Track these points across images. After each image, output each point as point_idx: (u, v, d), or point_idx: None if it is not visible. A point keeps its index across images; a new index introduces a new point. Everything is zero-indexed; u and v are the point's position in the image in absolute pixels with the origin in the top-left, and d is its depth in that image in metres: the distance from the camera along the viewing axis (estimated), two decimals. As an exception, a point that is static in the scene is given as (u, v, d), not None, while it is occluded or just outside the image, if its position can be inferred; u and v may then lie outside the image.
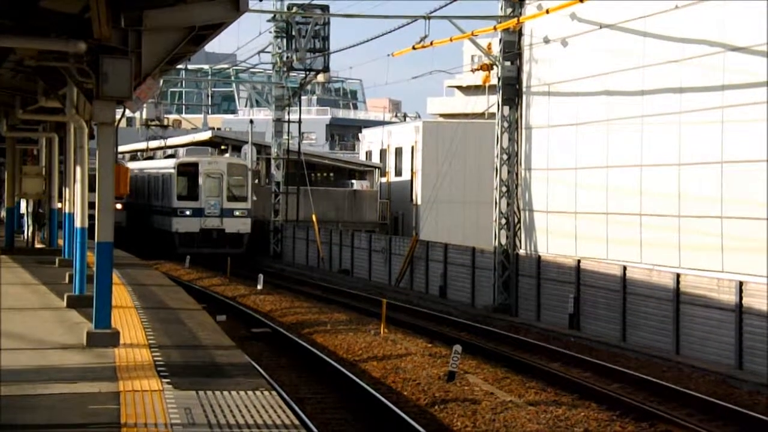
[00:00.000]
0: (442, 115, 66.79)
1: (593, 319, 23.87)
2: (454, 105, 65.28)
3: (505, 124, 28.04)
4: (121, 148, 55.66)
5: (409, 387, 16.06)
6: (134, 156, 53.01)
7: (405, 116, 49.08)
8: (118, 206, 40.51)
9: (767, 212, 18.59)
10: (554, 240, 26.26)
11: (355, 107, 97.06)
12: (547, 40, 26.46)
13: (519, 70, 27.72)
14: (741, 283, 18.97)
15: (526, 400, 15.34)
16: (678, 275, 20.84)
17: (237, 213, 39.77)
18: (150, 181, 44.21)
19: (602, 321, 23.50)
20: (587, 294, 24.16)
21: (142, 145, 54.39)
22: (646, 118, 22.49)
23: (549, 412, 14.36)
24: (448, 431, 13.42)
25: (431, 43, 27.96)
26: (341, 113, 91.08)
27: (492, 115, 30.78)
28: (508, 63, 27.80)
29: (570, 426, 13.65)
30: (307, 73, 40.44)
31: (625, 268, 22.74)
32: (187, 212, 39.57)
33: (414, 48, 28.35)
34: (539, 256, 26.58)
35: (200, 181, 39.60)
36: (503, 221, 28.01)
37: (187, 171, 39.96)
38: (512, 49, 27.65)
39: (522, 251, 27.64)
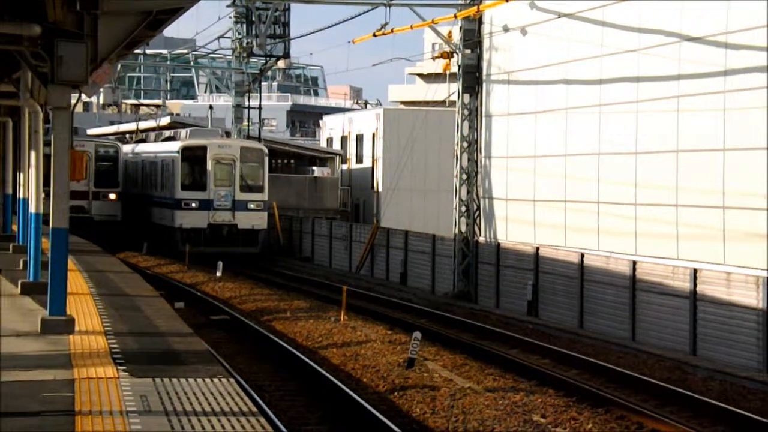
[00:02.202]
0: (403, 103, 66.85)
1: (551, 306, 24.08)
2: (415, 92, 65.36)
3: (466, 112, 28.13)
4: (107, 130, 52.28)
5: (369, 374, 16.10)
6: (122, 138, 47.13)
7: (366, 103, 49.05)
8: (112, 196, 37.63)
9: (722, 200, 18.84)
10: (514, 227, 26.43)
11: (316, 94, 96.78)
12: (506, 29, 26.56)
13: (479, 58, 27.80)
14: (695, 271, 19.22)
15: (484, 387, 15.45)
16: (634, 263, 21.08)
17: (251, 206, 34.14)
18: (146, 167, 38.57)
19: (560, 308, 23.71)
20: (546, 281, 24.35)
21: (129, 127, 49.27)
22: (603, 107, 22.68)
23: (507, 399, 14.47)
24: (407, 417, 13.48)
25: (392, 31, 27.94)
26: (302, 100, 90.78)
27: (453, 103, 30.88)
28: (468, 51, 27.88)
29: (527, 412, 13.77)
30: (268, 59, 40.13)
31: (582, 255, 22.95)
32: (193, 204, 33.84)
33: (375, 35, 28.32)
34: (499, 244, 26.74)
35: (208, 167, 33.99)
36: (463, 209, 28.13)
37: (193, 156, 34.24)
38: (472, 37, 27.73)
39: (482, 239, 27.78)
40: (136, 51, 37.38)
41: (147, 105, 54.71)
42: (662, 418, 14.02)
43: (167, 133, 40.08)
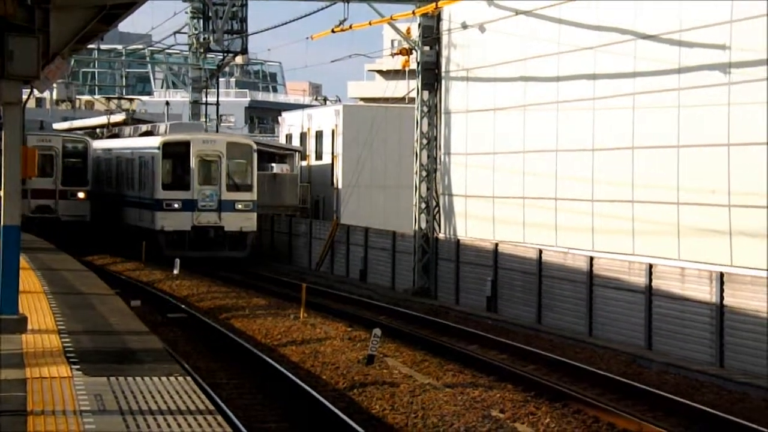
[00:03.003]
0: (362, 99, 66.83)
1: (510, 302, 24.23)
2: (374, 89, 65.40)
3: (425, 109, 28.21)
4: (77, 124, 48.97)
5: (328, 371, 16.11)
6: (93, 133, 44.35)
7: (325, 100, 48.96)
8: (81, 195, 35.25)
9: (676, 197, 19.06)
10: (473, 224, 26.55)
11: (275, 90, 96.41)
12: (465, 26, 26.66)
13: (438, 55, 27.88)
14: (651, 266, 19.44)
15: (443, 383, 15.53)
16: (591, 258, 21.27)
17: (239, 206, 31.52)
18: (121, 164, 35.93)
19: (519, 303, 23.86)
20: (504, 277, 24.50)
21: (99, 121, 46.49)
22: (561, 104, 22.85)
23: (466, 394, 14.57)
24: (366, 414, 13.51)
25: (350, 27, 27.95)
26: (260, 96, 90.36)
27: (412, 100, 30.94)
28: (427, 48, 27.95)
29: (486, 407, 13.87)
30: (225, 54, 39.81)
31: (540, 251, 23.12)
32: (176, 205, 31.23)
33: (333, 31, 28.30)
34: (458, 240, 26.85)
35: (192, 164, 31.35)
36: (423, 205, 28.21)
37: (175, 152, 31.65)
38: (431, 33, 27.80)
39: (441, 235, 27.88)
40: (90, 46, 36.74)
41: (125, 99, 52.18)
42: (618, 411, 14.17)
43: (144, 128, 37.19)
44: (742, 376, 16.64)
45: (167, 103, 43.54)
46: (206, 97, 41.64)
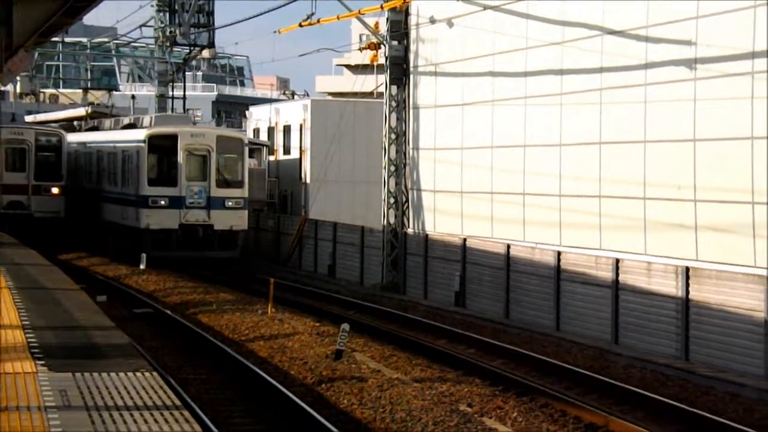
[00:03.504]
0: (330, 94, 66.71)
1: (478, 297, 24.30)
2: (342, 84, 65.24)
3: (393, 104, 28.19)
4: (51, 116, 49.16)
5: (296, 366, 16.09)
6: (71, 126, 41.95)
7: (293, 94, 48.71)
8: (54, 191, 33.85)
9: (643, 192, 19.19)
10: (441, 219, 26.59)
11: (242, 84, 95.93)
12: (433, 20, 26.67)
13: (406, 49, 27.88)
14: (617, 261, 19.57)
15: (412, 377, 15.56)
16: (559, 253, 21.38)
17: (230, 203, 29.69)
18: (102, 159, 34.16)
19: (487, 298, 23.94)
20: (473, 272, 24.57)
21: (76, 112, 44.40)
22: (529, 99, 22.92)
23: (434, 388, 14.61)
24: (335, 409, 13.50)
25: (318, 21, 27.87)
26: (228, 90, 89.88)
27: (380, 95, 30.91)
28: (395, 42, 27.93)
29: (454, 401, 13.91)
30: (192, 48, 39.50)
31: (509, 246, 23.20)
32: (162, 202, 29.34)
33: (301, 25, 28.21)
34: (427, 235, 26.88)
35: (179, 159, 29.51)
36: (392, 200, 28.20)
37: (162, 146, 29.77)
38: (399, 28, 27.78)
39: (410, 230, 27.90)
40: (54, 39, 36.23)
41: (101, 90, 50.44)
42: (584, 405, 14.26)
43: (125, 120, 35.26)
44: (706, 370, 16.80)
45: (133, 96, 43.02)
46: (173, 91, 41.33)
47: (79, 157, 36.41)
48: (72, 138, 36.69)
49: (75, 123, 42.96)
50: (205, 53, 41.03)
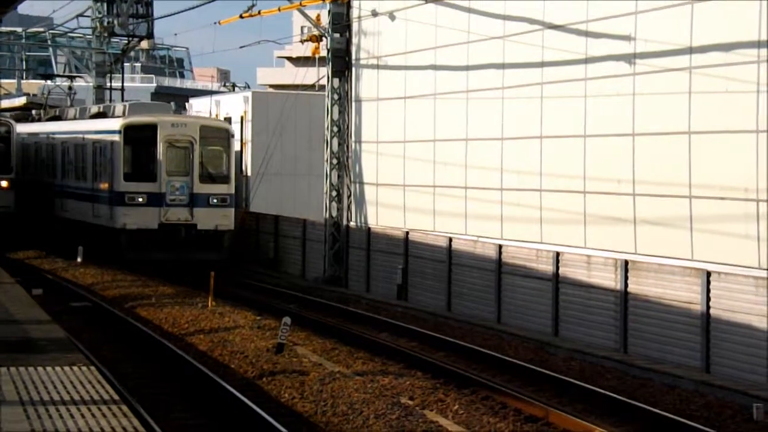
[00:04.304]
0: (272, 86, 66.39)
1: (421, 290, 24.37)
2: (284, 76, 64.97)
3: (335, 96, 28.11)
4: (5, 104, 44.97)
5: (237, 360, 15.99)
6: (25, 116, 39.23)
7: (234, 86, 48.26)
8: (3, 184, 31.42)
9: (583, 185, 19.37)
10: (384, 212, 26.59)
11: (182, 76, 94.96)
12: (375, 13, 26.63)
13: (348, 42, 27.80)
14: (558, 254, 19.75)
15: (353, 371, 15.56)
16: (500, 246, 21.51)
17: (214, 200, 27.39)
18: (68, 151, 31.71)
19: (429, 291, 24.01)
20: (415, 265, 24.63)
21: (11, 103, 42.31)
22: (471, 93, 23.00)
23: (376, 381, 14.62)
24: (275, 403, 13.43)
25: (259, 13, 27.66)
26: (167, 81, 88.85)
27: (322, 87, 30.79)
28: (337, 35, 27.84)
29: (396, 394, 13.94)
30: (130, 39, 38.95)
31: (450, 239, 23.28)
32: (140, 199, 26.92)
33: (242, 17, 27.99)
34: (369, 228, 26.87)
35: (159, 151, 27.05)
36: (334, 193, 28.13)
37: (139, 137, 27.25)
38: (341, 20, 27.70)
39: (352, 223, 27.86)
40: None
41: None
42: (525, 397, 14.36)
43: (94, 110, 32.54)
44: (644, 362, 17.03)
45: (70, 87, 42.14)
46: (111, 82, 40.72)
47: (39, 149, 34.11)
48: (26, 128, 34.64)
49: (34, 112, 40.64)
50: (144, 44, 40.49)
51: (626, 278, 18.08)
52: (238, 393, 13.05)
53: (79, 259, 27.86)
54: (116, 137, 27.44)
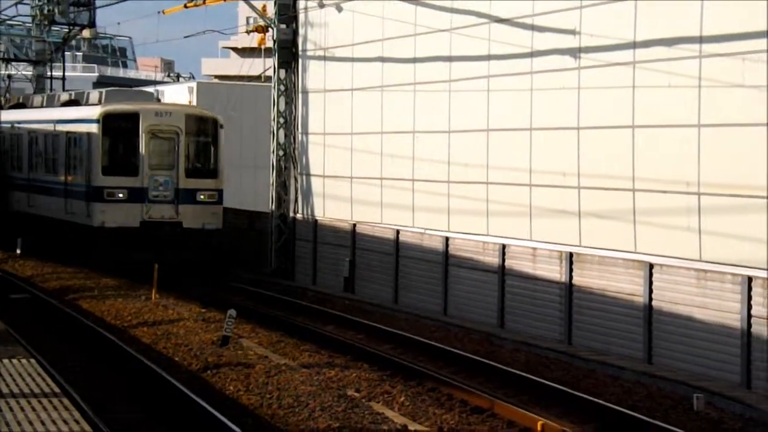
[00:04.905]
0: (217, 77, 65.86)
1: (368, 282, 24.38)
2: (229, 66, 64.48)
3: (282, 88, 27.97)
4: None
5: (181, 352, 15.87)
6: None
7: (178, 76, 47.81)
8: None
9: (529, 178, 19.49)
10: (331, 204, 26.52)
11: (125, 65, 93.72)
12: (322, 5, 26.52)
13: (295, 33, 27.66)
14: (504, 246, 19.87)
15: (300, 363, 15.53)
16: (447, 239, 21.58)
17: (201, 197, 25.38)
18: (35, 141, 29.38)
19: (376, 283, 24.03)
20: (362, 257, 24.62)
21: None
22: (418, 86, 23.01)
23: (322, 374, 14.60)
24: (220, 395, 13.34)
25: (204, 2, 27.41)
26: (110, 71, 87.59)
27: (268, 78, 30.61)
28: (283, 26, 27.69)
29: (342, 387, 13.93)
30: (71, 28, 38.28)
31: (398, 232, 23.32)
32: (120, 195, 24.87)
33: (186, 6, 27.72)
34: (316, 221, 26.79)
35: (141, 143, 25.01)
36: (280, 185, 27.99)
37: (119, 127, 25.26)
38: (287, 11, 27.55)
39: (299, 215, 27.75)
40: None
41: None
42: (470, 389, 14.43)
43: (64, 97, 30.12)
44: (588, 353, 17.21)
45: (9, 76, 41.01)
46: (51, 72, 40.01)
47: (2, 140, 32.07)
48: None
49: None
50: (86, 33, 39.71)
51: (571, 270, 18.24)
52: (182, 386, 12.93)
53: (18, 251, 27.37)
54: (94, 127, 25.29)
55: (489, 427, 12.57)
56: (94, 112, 25.70)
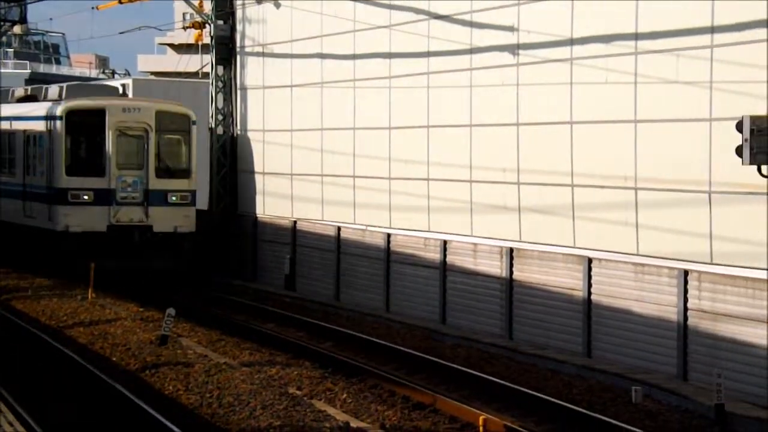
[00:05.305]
0: (153, 73, 65.12)
1: (309, 279, 24.27)
2: (166, 63, 63.79)
3: (220, 84, 27.72)
4: None
5: (119, 352, 15.67)
6: None
7: (113, 73, 47.06)
8: None
9: (469, 174, 19.55)
10: (271, 201, 26.35)
11: (58, 62, 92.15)
12: (260, 1, 26.32)
13: (233, 29, 27.43)
14: (445, 242, 19.92)
15: (240, 362, 15.42)
16: (389, 235, 21.57)
17: (173, 198, 23.97)
18: None
19: (317, 281, 23.94)
20: (303, 255, 24.51)
21: None
22: (358, 82, 22.96)
23: (263, 372, 14.52)
24: (159, 395, 13.17)
25: (140, -2, 27.02)
26: (42, 68, 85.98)
27: (206, 75, 30.32)
28: (221, 22, 27.45)
29: (283, 384, 13.86)
30: (1, 23, 37.48)
31: (339, 228, 23.24)
32: (85, 197, 23.30)
33: (121, 2, 27.32)
34: (256, 218, 26.60)
35: (108, 141, 23.50)
36: (219, 183, 27.73)
37: (84, 123, 23.73)
38: (225, 7, 27.31)
39: (239, 213, 27.52)
40: None
41: None
42: (413, 384, 14.44)
43: (19, 92, 28.41)
44: (529, 348, 17.33)
45: None
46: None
47: None
48: None
49: None
50: (17, 29, 38.81)
51: (511, 266, 18.35)
52: (120, 386, 12.75)
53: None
54: (56, 124, 23.60)
55: (431, 422, 12.59)
56: (57, 108, 24.20)
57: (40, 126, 24.57)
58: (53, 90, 26.44)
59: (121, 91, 27.63)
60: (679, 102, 15.31)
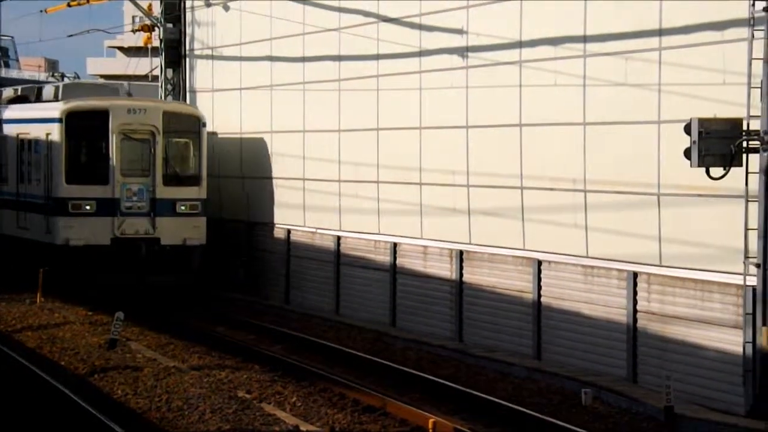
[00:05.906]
0: (102, 76, 64.46)
1: (260, 282, 24.14)
2: (115, 66, 63.15)
3: (169, 87, 27.53)
4: None
5: (67, 356, 15.50)
6: None
7: (63, 76, 46.53)
8: None
9: (419, 177, 19.59)
10: (225, 205, 26.15)
11: (7, 65, 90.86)
12: (208, 4, 26.18)
13: (182, 32, 27.25)
14: (395, 245, 19.93)
15: (189, 365, 15.33)
16: (339, 237, 21.54)
17: (182, 207, 22.05)
18: None
19: (268, 284, 23.84)
20: (256, 257, 24.38)
21: None
22: (308, 85, 22.91)
23: (212, 376, 14.45)
24: (108, 399, 13.02)
25: (88, 1, 26.75)
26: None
27: (156, 78, 30.07)
28: (170, 25, 27.27)
29: (233, 388, 13.79)
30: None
31: (289, 231, 23.17)
32: (87, 207, 21.39)
33: (69, 5, 26.99)
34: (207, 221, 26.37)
35: (111, 145, 21.60)
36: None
37: (86, 126, 21.83)
38: (174, 10, 27.12)
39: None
40: None
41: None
42: (362, 388, 14.42)
43: (8, 93, 26.39)
44: (479, 350, 17.39)
45: None
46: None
47: None
48: None
49: None
50: (-36, 32, 38.12)
51: (461, 268, 18.41)
52: (68, 390, 12.58)
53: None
54: (54, 127, 21.71)
55: (381, 425, 12.58)
56: (55, 109, 22.21)
57: (35, 129, 22.78)
58: (48, 90, 24.56)
59: (127, 90, 25.52)
60: (627, 104, 15.48)
